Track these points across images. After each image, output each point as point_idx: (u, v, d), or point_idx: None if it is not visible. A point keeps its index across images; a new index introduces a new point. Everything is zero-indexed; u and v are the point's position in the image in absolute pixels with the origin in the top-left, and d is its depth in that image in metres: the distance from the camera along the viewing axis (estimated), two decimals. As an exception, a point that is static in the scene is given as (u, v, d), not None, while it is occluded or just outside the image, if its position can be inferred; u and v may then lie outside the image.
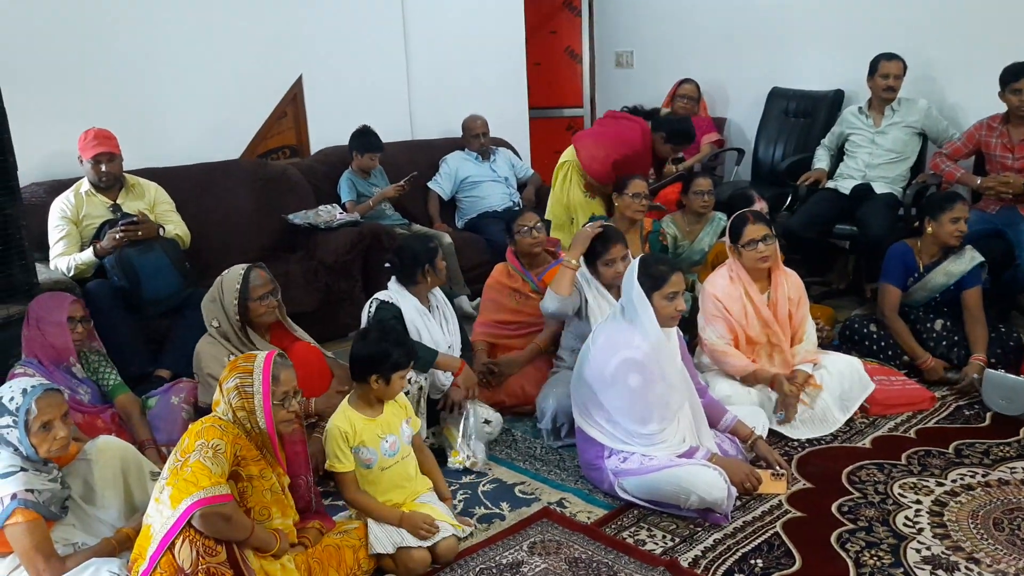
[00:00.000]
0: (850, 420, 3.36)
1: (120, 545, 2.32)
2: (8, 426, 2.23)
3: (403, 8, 5.49)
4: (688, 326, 3.53)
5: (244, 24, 4.78)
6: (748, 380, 3.35)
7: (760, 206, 3.96)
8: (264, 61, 4.90)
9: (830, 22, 5.41)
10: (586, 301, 3.36)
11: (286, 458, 2.39)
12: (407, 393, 2.89)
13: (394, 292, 3.32)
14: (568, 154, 4.81)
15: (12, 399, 2.24)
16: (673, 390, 2.82)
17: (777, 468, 2.91)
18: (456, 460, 3.12)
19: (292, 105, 5.10)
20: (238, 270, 3.03)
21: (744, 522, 2.69)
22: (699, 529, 2.66)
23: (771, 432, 3.22)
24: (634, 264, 2.88)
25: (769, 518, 2.71)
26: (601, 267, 3.36)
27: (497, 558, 2.54)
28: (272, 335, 3.13)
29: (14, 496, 2.17)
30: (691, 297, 3.64)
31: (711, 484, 2.64)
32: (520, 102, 6.29)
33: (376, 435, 2.58)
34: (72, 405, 2.88)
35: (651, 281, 2.79)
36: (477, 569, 2.49)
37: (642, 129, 4.57)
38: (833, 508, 2.75)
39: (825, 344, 3.91)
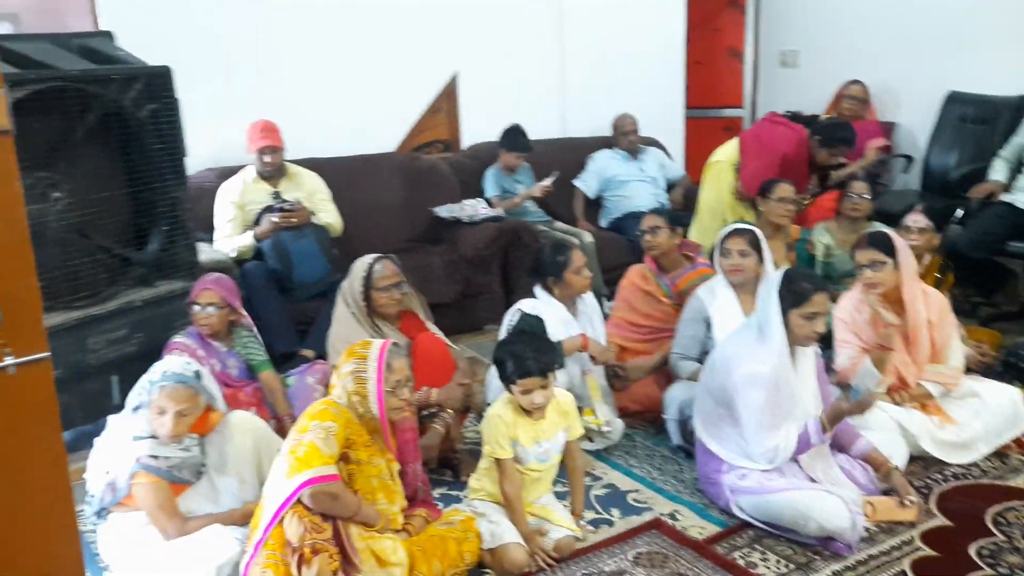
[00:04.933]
0: (1004, 456, 3.09)
1: (243, 518, 2.44)
2: (145, 398, 2.46)
3: (560, 5, 5.51)
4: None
5: (404, 22, 4.94)
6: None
7: (915, 218, 3.70)
8: (422, 58, 5.04)
9: (1016, 22, 4.96)
10: (709, 322, 3.27)
11: (396, 445, 2.46)
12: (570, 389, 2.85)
13: (540, 299, 3.29)
14: (720, 153, 4.67)
15: (153, 374, 2.47)
16: (799, 412, 2.68)
17: (907, 501, 2.71)
18: (592, 421, 3.12)
19: (447, 101, 5.23)
20: (367, 260, 3.11)
21: (869, 555, 2.53)
22: (817, 557, 2.53)
23: (912, 459, 3.01)
24: (776, 277, 2.75)
25: (897, 553, 2.54)
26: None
27: (600, 564, 2.52)
28: (402, 324, 3.22)
29: (138, 459, 2.39)
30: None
31: (832, 512, 2.50)
32: (677, 101, 6.18)
33: (532, 438, 2.56)
34: (220, 378, 3.09)
35: (792, 297, 2.66)
36: (579, 574, 2.48)
37: (799, 139, 4.37)
38: (971, 550, 2.54)
39: (987, 371, 3.61)
